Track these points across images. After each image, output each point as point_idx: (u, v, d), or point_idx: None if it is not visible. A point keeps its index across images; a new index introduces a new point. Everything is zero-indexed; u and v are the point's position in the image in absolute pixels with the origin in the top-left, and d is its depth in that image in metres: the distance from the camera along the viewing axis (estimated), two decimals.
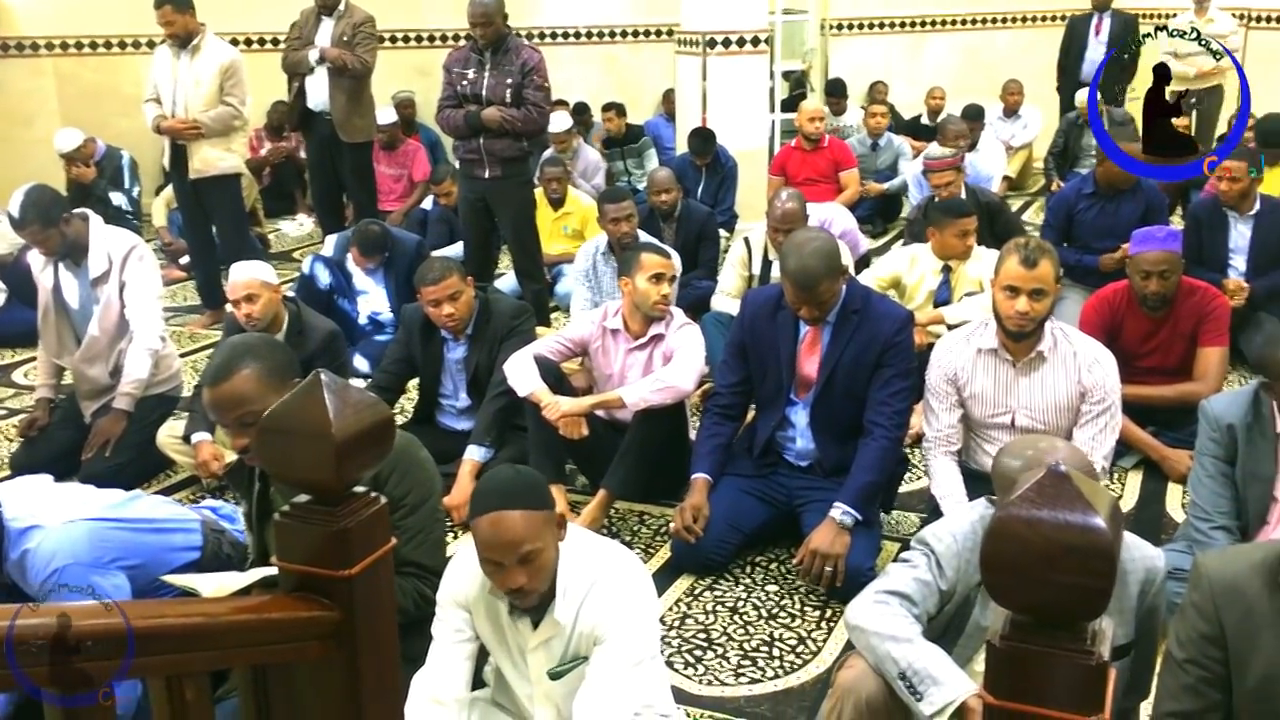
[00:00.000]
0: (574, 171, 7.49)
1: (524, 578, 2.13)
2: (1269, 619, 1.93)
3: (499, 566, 2.13)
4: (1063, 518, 1.14)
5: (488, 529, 2.13)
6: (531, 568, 2.14)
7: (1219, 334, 4.13)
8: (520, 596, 2.16)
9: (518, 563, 2.12)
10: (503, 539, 2.11)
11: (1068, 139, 8.46)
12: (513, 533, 2.11)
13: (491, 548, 2.13)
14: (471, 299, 4.01)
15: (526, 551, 2.12)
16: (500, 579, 2.14)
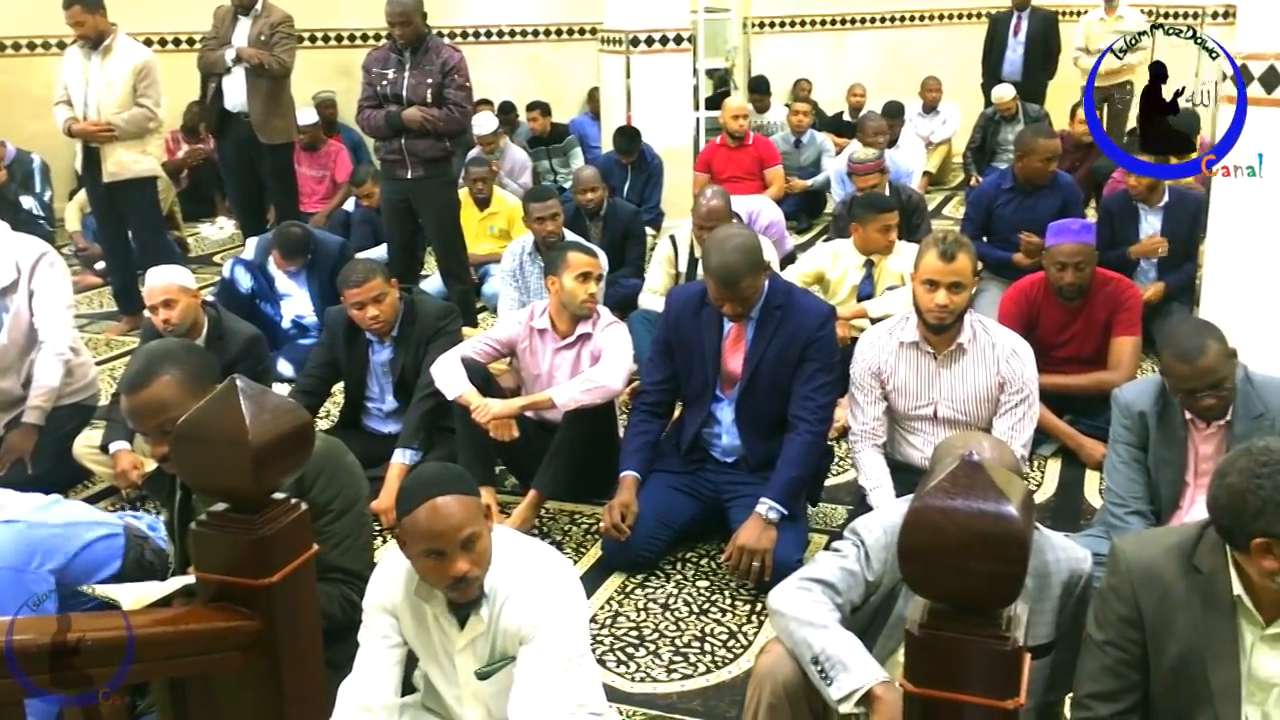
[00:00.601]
0: (500, 171, 7.46)
1: (467, 564, 2.11)
2: (1184, 600, 1.99)
3: (441, 556, 2.11)
4: (976, 507, 1.17)
5: (427, 518, 2.10)
6: (474, 554, 2.13)
7: (1132, 324, 4.25)
8: (464, 586, 2.14)
9: (460, 549, 2.11)
10: (444, 524, 2.09)
11: (985, 135, 8.61)
12: (453, 517, 2.10)
13: (432, 536, 2.10)
14: (396, 301, 3.97)
15: (468, 535, 2.11)
16: (444, 569, 2.12)
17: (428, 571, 2.15)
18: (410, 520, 2.12)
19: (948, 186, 9.50)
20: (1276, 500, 1.85)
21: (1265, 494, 1.86)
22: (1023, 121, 8.16)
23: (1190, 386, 2.91)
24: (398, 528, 2.17)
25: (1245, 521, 1.88)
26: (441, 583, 2.15)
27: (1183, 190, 5.37)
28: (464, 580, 2.13)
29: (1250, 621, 1.97)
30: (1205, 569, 1.99)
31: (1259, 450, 1.92)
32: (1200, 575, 1.99)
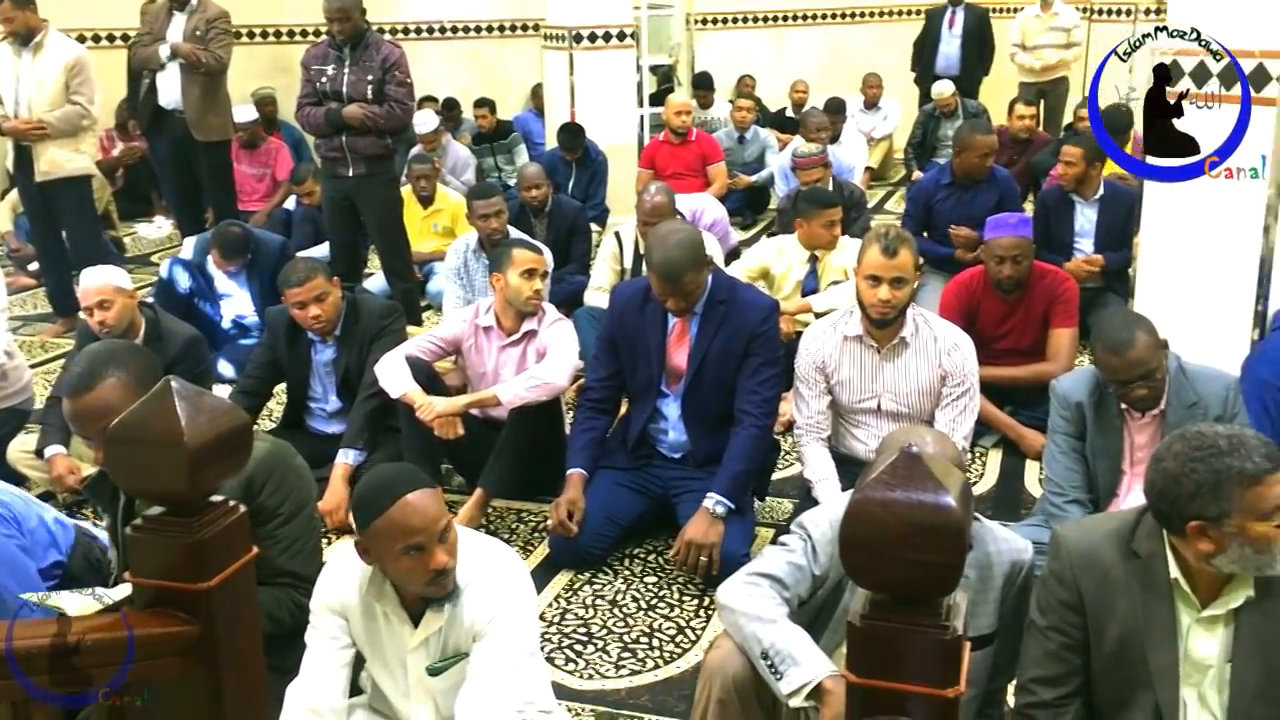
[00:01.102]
0: (443, 169, 7.41)
1: (445, 555, 2.11)
2: (1123, 584, 2.03)
3: (421, 551, 2.10)
4: (915, 498, 1.18)
5: (403, 515, 2.09)
6: (449, 545, 2.13)
7: (1069, 316, 4.32)
8: (444, 578, 2.13)
9: (439, 540, 2.10)
10: (422, 518, 2.09)
11: (925, 130, 8.71)
12: (429, 510, 2.10)
13: (412, 531, 2.08)
14: (339, 300, 3.93)
15: (444, 525, 2.11)
16: (425, 563, 2.10)
17: (407, 570, 2.13)
18: (384, 521, 2.10)
19: (889, 182, 9.59)
20: (1210, 484, 1.89)
21: (1199, 478, 1.90)
22: (962, 117, 8.26)
23: (1122, 378, 2.96)
24: (363, 534, 2.15)
25: (1180, 505, 1.93)
26: (422, 578, 2.13)
27: (1117, 185, 5.47)
28: (444, 572, 2.12)
29: (1187, 604, 2.01)
30: (1143, 553, 2.03)
31: (1193, 436, 1.96)
32: (1139, 560, 2.03)
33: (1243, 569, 1.93)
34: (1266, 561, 1.90)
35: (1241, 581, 1.97)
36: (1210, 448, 1.91)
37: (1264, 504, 1.88)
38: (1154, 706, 2.00)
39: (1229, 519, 1.89)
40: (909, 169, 8.83)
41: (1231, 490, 1.88)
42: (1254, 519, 1.87)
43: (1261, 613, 1.97)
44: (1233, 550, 1.90)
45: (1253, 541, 1.89)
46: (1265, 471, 1.88)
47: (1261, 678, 1.96)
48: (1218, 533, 1.90)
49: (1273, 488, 1.88)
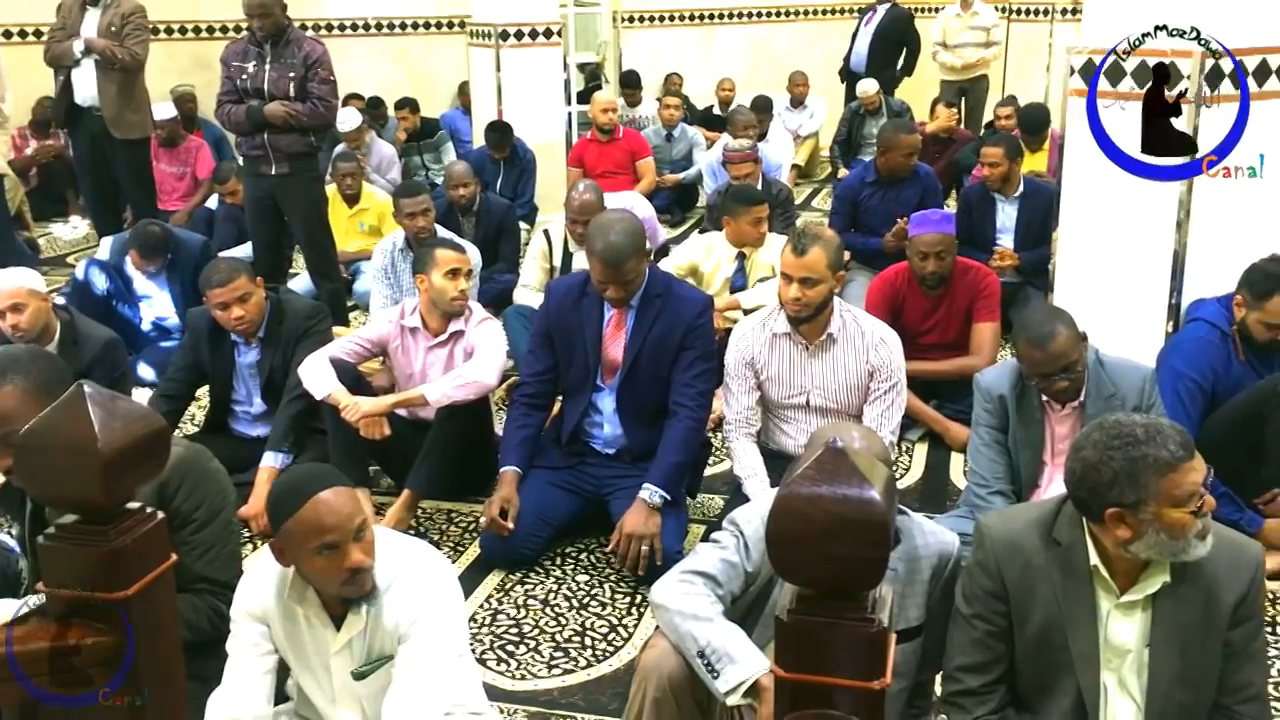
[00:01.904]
0: (368, 167, 7.33)
1: (361, 554, 2.09)
2: (1044, 572, 2.07)
3: (335, 549, 2.07)
4: (840, 492, 1.19)
5: (316, 513, 2.06)
6: (366, 544, 2.10)
7: (991, 310, 4.40)
8: (360, 578, 2.11)
9: (353, 539, 2.08)
10: (335, 516, 2.06)
11: (850, 128, 8.81)
12: (343, 508, 2.08)
13: (325, 530, 2.06)
14: (262, 300, 3.87)
15: (359, 524, 2.09)
16: (339, 562, 2.08)
17: (321, 569, 2.10)
18: (296, 520, 2.07)
19: (816, 179, 9.69)
20: (1127, 471, 1.94)
21: (1117, 466, 1.95)
22: (886, 115, 8.37)
23: (1044, 371, 3.03)
24: (277, 533, 2.12)
25: (1099, 493, 1.97)
26: (336, 579, 2.10)
27: (1037, 182, 5.59)
28: (360, 571, 2.10)
29: (1106, 590, 2.06)
30: (1064, 541, 2.08)
31: (1111, 425, 2.01)
32: (1060, 547, 2.08)
33: (1158, 555, 1.98)
34: (1181, 547, 1.95)
35: (1158, 568, 2.02)
36: (1128, 437, 1.96)
37: (1179, 491, 1.93)
38: (1075, 691, 2.04)
39: (1145, 506, 1.93)
40: (835, 166, 8.93)
41: (1148, 478, 1.93)
42: (1169, 505, 1.93)
43: (1177, 598, 2.02)
44: (1149, 536, 1.95)
45: (1168, 528, 1.94)
46: (1180, 460, 1.93)
47: (1178, 662, 2.02)
48: (1134, 519, 1.95)
49: (1187, 475, 1.93)
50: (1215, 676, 2.04)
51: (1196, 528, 1.95)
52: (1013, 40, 9.84)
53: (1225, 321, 3.42)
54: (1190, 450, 1.96)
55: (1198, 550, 1.96)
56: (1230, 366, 3.39)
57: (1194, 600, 2.02)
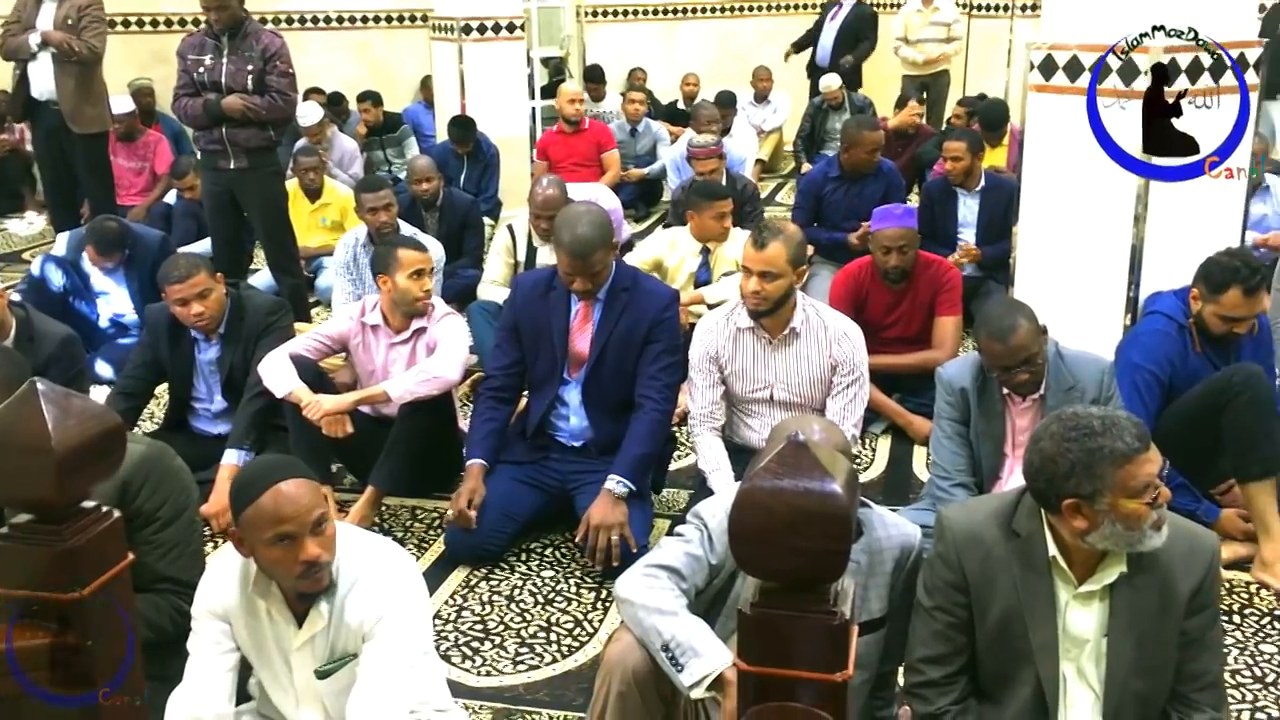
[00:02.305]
0: (330, 161, 7.27)
1: (318, 548, 2.07)
2: (1004, 563, 2.09)
3: (291, 541, 2.05)
4: (802, 486, 1.20)
5: (273, 502, 2.04)
6: (324, 538, 2.08)
7: (953, 304, 4.43)
8: (316, 572, 2.09)
9: (311, 532, 2.06)
10: (293, 507, 2.04)
11: (814, 123, 8.84)
12: (301, 499, 2.06)
13: (280, 520, 2.04)
14: (222, 296, 3.83)
15: (317, 517, 2.07)
16: (294, 554, 2.06)
17: (276, 561, 2.08)
18: (254, 509, 2.05)
19: (780, 174, 9.72)
20: (1084, 462, 1.96)
21: (1074, 457, 1.98)
22: (849, 110, 8.41)
23: (1005, 364, 3.05)
24: (237, 523, 2.10)
25: (1056, 483, 2.00)
26: (291, 571, 2.08)
27: (998, 177, 5.64)
28: (316, 565, 2.08)
29: (1064, 581, 2.08)
30: (1023, 532, 2.10)
31: (1068, 417, 2.04)
32: (1019, 538, 2.10)
33: (1115, 545, 2.00)
34: (1137, 538, 1.98)
35: (1115, 558, 2.05)
36: (1084, 428, 1.99)
37: (1134, 482, 1.95)
38: (1035, 680, 2.07)
39: (1101, 497, 1.96)
40: (799, 161, 8.95)
41: (1104, 469, 1.96)
42: (1125, 496, 1.95)
43: (1133, 588, 2.04)
44: (1105, 527, 1.97)
45: (1124, 519, 1.96)
46: (1136, 451, 1.96)
47: (1135, 651, 2.04)
48: (1091, 510, 1.98)
49: (1142, 466, 1.96)
50: (1172, 665, 2.07)
51: (1152, 519, 1.97)
52: (973, 36, 9.91)
53: (1182, 314, 3.46)
54: (1146, 442, 1.98)
55: (1153, 541, 1.99)
56: (1187, 359, 3.43)
57: (1150, 590, 2.04)
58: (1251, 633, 3.06)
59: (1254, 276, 3.29)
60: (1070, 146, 3.92)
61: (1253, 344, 3.47)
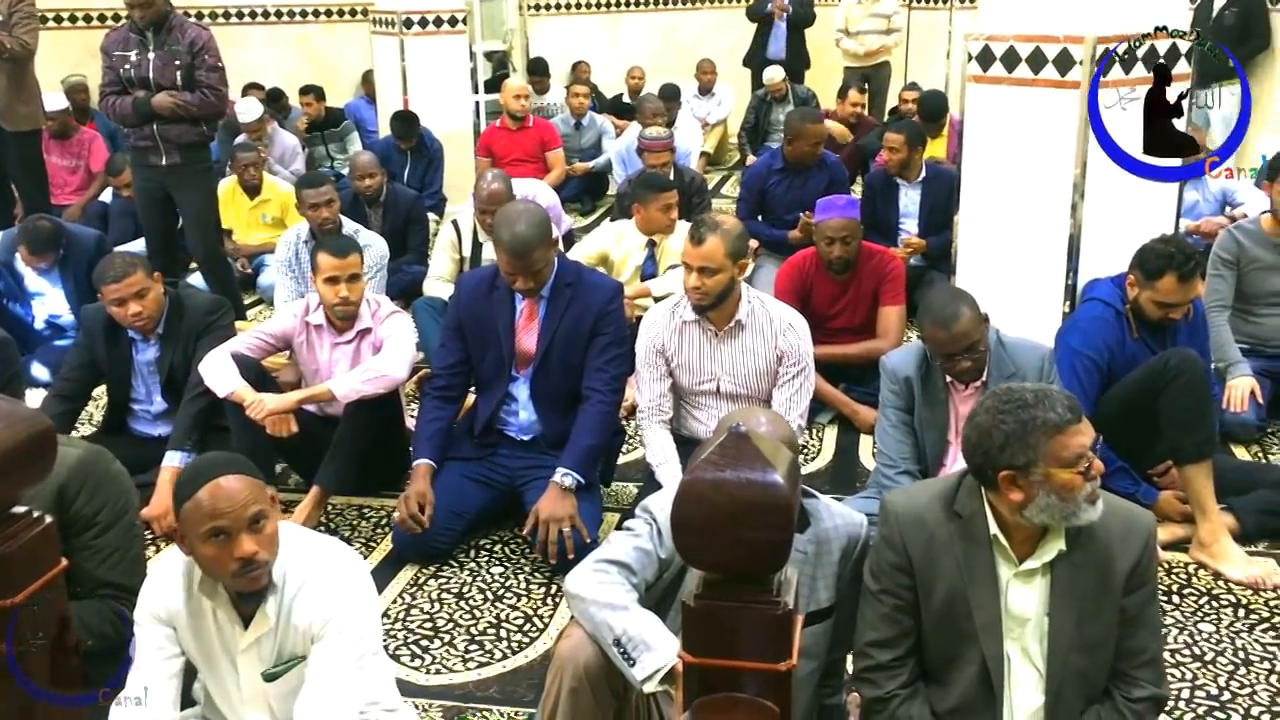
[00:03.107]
0: (270, 158, 7.18)
1: (254, 545, 2.04)
2: (947, 544, 2.12)
3: (226, 537, 2.02)
4: (744, 477, 1.20)
5: (210, 496, 2.02)
6: (262, 536, 2.06)
7: (896, 294, 4.47)
8: (252, 570, 2.06)
9: (247, 528, 2.03)
10: (229, 502, 2.02)
11: (758, 115, 8.87)
12: (238, 494, 2.03)
13: (216, 514, 2.01)
14: (160, 296, 3.76)
15: (255, 514, 2.04)
16: (229, 551, 2.03)
17: (212, 557, 2.05)
18: (192, 503, 2.03)
19: (725, 166, 9.74)
20: (1017, 434, 2.01)
21: (1007, 429, 2.03)
22: (792, 102, 8.45)
23: (948, 351, 3.09)
24: (177, 518, 2.08)
25: (992, 456, 2.04)
26: (227, 569, 2.05)
27: (938, 167, 5.70)
28: (252, 564, 2.05)
29: (1005, 559, 2.11)
30: (965, 513, 2.13)
31: (1003, 392, 2.10)
32: (961, 519, 2.13)
33: (1051, 518, 2.04)
34: (1071, 509, 2.02)
35: (1054, 536, 2.08)
36: (1018, 401, 2.05)
37: (1066, 452, 2.00)
38: (980, 660, 2.09)
39: (1035, 467, 2.01)
40: (743, 153, 8.99)
41: (1036, 439, 2.01)
42: (1057, 466, 2.00)
43: (1073, 566, 2.08)
44: (1040, 498, 2.02)
45: (1057, 489, 2.01)
46: (1067, 422, 2.02)
47: (1076, 629, 2.08)
48: (1026, 481, 2.02)
49: (1074, 437, 2.01)
50: (1111, 643, 2.10)
51: (1086, 490, 2.02)
52: (913, 27, 9.99)
53: (1119, 301, 3.52)
54: (1078, 414, 2.04)
55: (1088, 514, 2.03)
56: (1125, 344, 3.49)
57: (1089, 568, 2.08)
58: (1190, 612, 3.12)
59: (1188, 263, 3.35)
60: (1008, 136, 3.97)
61: (1188, 329, 3.54)
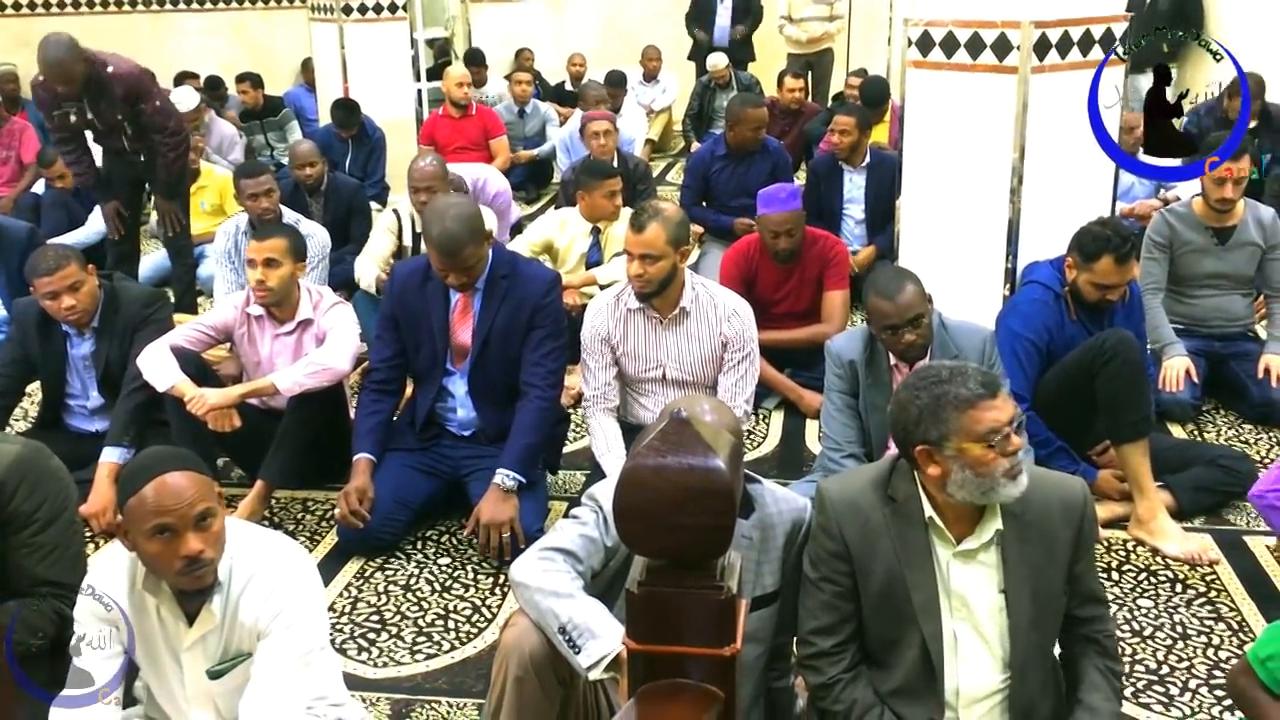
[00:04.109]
0: (208, 147, 7.06)
1: (200, 543, 2.01)
2: (883, 528, 2.14)
3: (173, 534, 1.99)
4: (686, 462, 1.20)
5: (155, 493, 1.99)
6: (208, 534, 2.03)
7: (840, 278, 4.50)
8: (197, 569, 2.03)
9: (193, 526, 2.00)
10: (175, 499, 1.99)
11: (702, 102, 8.88)
12: (185, 491, 2.00)
13: (162, 511, 1.98)
14: (95, 289, 3.69)
15: (201, 511, 2.01)
16: (175, 548, 2.00)
17: (156, 555, 2.02)
18: (137, 499, 2.00)
19: (670, 153, 9.75)
20: (930, 409, 2.05)
21: (922, 403, 2.06)
22: (736, 89, 8.46)
23: (893, 323, 3.10)
24: (120, 514, 2.04)
25: (909, 431, 2.08)
26: (171, 567, 2.02)
27: (882, 152, 5.73)
28: (197, 562, 2.02)
29: (943, 540, 2.14)
30: (899, 497, 2.15)
31: (921, 369, 2.15)
32: (895, 503, 2.15)
33: (971, 495, 2.06)
34: (988, 485, 2.04)
35: (990, 515, 2.11)
36: (933, 377, 2.09)
37: (978, 426, 2.03)
38: (921, 641, 2.12)
39: (948, 441, 2.04)
40: (688, 140, 9.00)
41: (948, 414, 2.04)
42: (969, 441, 2.02)
43: (1019, 541, 2.11)
44: (956, 473, 2.04)
45: (972, 464, 2.03)
46: (979, 397, 2.04)
47: (1032, 604, 2.10)
48: (941, 456, 2.05)
49: (986, 412, 2.04)
50: (1061, 615, 2.14)
51: (1003, 467, 2.03)
52: (855, 14, 10.04)
53: (1058, 283, 3.57)
54: (993, 390, 2.06)
55: (1009, 490, 2.05)
56: (1064, 326, 3.54)
57: (1035, 542, 2.11)
58: (1130, 588, 3.18)
59: (1124, 245, 3.41)
60: (947, 122, 4.01)
61: (1124, 311, 3.60)
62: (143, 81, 4.90)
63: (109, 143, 5.04)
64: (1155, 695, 2.74)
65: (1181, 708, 2.70)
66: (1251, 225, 4.23)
